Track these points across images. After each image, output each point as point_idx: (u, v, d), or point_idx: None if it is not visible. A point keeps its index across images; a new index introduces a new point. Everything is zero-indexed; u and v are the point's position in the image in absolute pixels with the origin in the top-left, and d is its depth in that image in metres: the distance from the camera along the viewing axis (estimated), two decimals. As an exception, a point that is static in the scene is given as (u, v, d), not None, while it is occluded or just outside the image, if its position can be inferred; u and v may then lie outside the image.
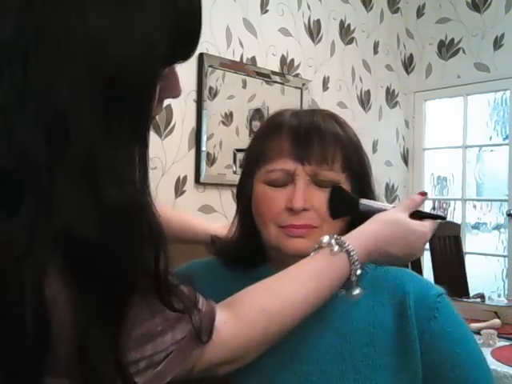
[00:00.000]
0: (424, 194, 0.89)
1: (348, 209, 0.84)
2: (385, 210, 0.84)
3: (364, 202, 0.84)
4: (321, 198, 0.83)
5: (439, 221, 0.87)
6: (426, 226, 0.84)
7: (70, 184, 0.52)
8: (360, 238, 0.78)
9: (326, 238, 0.77)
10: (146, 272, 0.58)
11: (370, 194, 0.88)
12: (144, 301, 0.60)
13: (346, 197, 0.84)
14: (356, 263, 0.75)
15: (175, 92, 0.66)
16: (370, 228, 0.80)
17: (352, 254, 0.75)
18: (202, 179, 2.80)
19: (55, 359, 0.54)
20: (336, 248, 0.75)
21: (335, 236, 0.77)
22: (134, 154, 0.57)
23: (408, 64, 4.03)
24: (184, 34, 0.60)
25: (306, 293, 0.74)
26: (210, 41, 2.84)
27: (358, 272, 0.76)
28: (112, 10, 0.54)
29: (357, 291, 0.77)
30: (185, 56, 0.63)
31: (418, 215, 0.85)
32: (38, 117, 0.52)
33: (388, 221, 0.81)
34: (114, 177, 0.54)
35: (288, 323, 0.73)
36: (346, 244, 0.76)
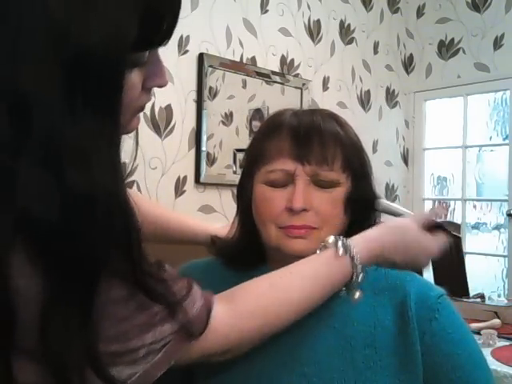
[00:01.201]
0: (446, 207, 0.90)
1: (367, 208, 0.85)
2: (401, 214, 0.85)
3: (383, 202, 0.84)
4: (321, 198, 0.83)
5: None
6: (434, 241, 0.83)
7: (33, 167, 0.51)
8: (365, 242, 0.78)
9: (331, 239, 0.77)
10: (123, 258, 0.57)
11: (371, 194, 0.88)
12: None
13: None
14: (359, 268, 0.76)
15: (160, 80, 0.63)
16: (376, 233, 0.80)
17: (356, 258, 0.76)
18: (202, 179, 2.80)
19: (21, 340, 0.53)
20: (341, 251, 0.75)
21: (341, 238, 0.77)
22: (102, 138, 0.54)
23: (408, 64, 4.02)
24: (157, 17, 0.57)
25: (305, 291, 0.74)
26: (209, 41, 2.83)
27: (361, 277, 0.76)
28: None
29: (357, 294, 0.78)
30: (161, 41, 0.60)
31: (434, 227, 0.84)
32: None
33: (395, 229, 0.82)
34: (78, 160, 0.52)
35: (285, 318, 0.74)
36: (352, 248, 0.76)
